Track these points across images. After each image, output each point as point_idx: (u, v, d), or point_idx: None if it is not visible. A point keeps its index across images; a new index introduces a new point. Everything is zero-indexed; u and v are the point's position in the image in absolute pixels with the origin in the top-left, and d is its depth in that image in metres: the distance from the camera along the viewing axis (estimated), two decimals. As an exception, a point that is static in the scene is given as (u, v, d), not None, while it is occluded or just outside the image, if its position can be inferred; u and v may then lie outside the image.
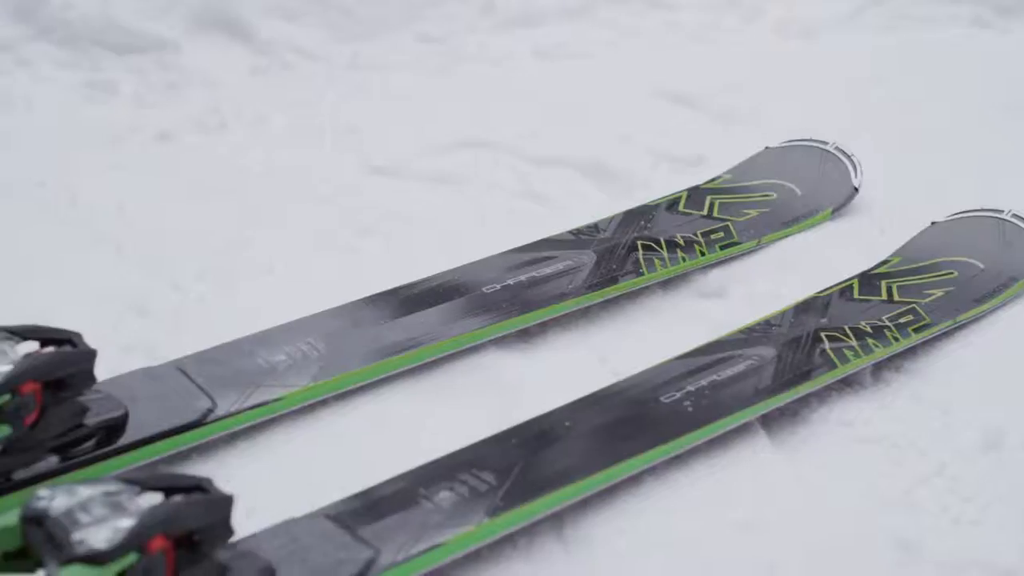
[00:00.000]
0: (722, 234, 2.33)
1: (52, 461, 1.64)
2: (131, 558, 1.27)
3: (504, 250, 2.23)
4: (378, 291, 2.07)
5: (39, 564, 1.35)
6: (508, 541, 1.63)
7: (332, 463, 1.76)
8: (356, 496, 1.60)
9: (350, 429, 1.84)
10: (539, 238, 2.35)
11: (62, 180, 2.72)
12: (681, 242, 2.28)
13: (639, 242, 2.26)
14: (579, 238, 2.26)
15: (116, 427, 1.69)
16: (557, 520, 1.67)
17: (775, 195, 2.47)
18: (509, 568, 1.60)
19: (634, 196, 2.58)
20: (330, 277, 2.29)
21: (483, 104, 3.16)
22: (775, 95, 3.18)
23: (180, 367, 1.82)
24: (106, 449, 1.68)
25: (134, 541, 1.28)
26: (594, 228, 2.31)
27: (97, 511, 1.32)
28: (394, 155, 2.83)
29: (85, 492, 1.34)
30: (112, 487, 1.36)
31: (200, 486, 1.38)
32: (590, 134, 2.92)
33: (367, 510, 1.57)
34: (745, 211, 2.41)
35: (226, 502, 1.36)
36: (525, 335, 2.11)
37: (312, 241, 2.44)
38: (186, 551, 1.34)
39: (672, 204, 2.41)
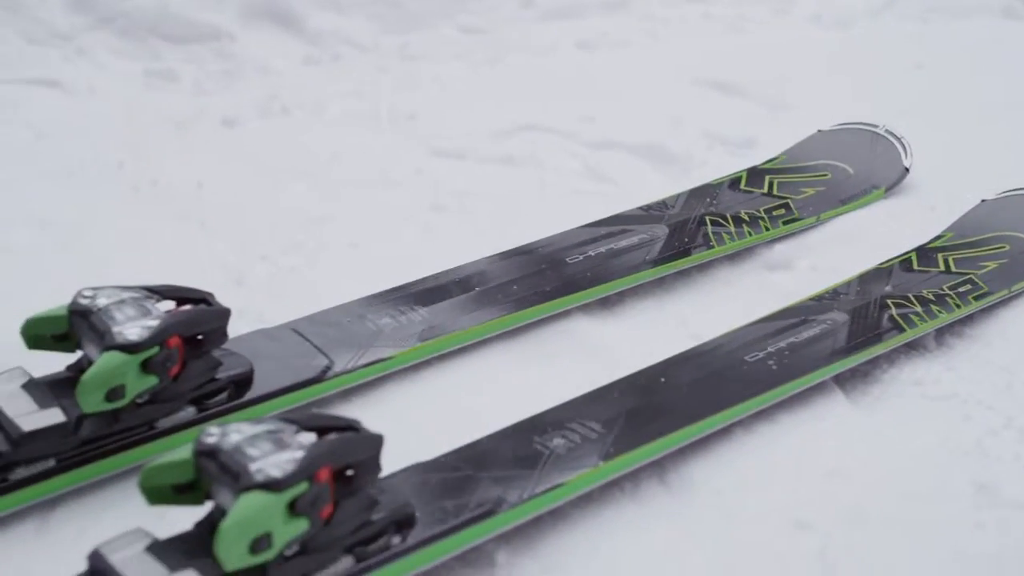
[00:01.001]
0: (783, 210, 2.47)
1: (190, 411, 1.77)
2: (302, 487, 1.41)
3: (580, 224, 2.36)
4: (469, 260, 2.20)
5: (207, 496, 1.49)
6: (616, 485, 1.77)
7: (441, 417, 1.90)
8: (474, 444, 1.73)
9: (455, 386, 1.98)
10: (605, 215, 2.48)
11: (139, 162, 2.85)
12: (746, 218, 2.42)
13: (707, 217, 2.40)
14: (650, 213, 2.41)
15: (244, 381, 1.83)
16: (659, 466, 1.82)
17: (829, 175, 2.62)
18: (619, 509, 1.74)
19: (692, 176, 2.73)
20: (411, 250, 2.43)
21: (534, 92, 3.30)
22: (816, 82, 3.33)
23: (295, 328, 1.96)
24: (236, 402, 1.80)
25: (306, 471, 1.41)
26: (663, 204, 2.45)
27: (264, 446, 1.45)
28: (455, 139, 2.97)
29: (251, 429, 1.48)
30: (273, 425, 1.49)
31: (352, 426, 1.52)
32: (641, 119, 3.06)
33: (487, 457, 1.70)
34: (802, 190, 2.56)
35: (378, 440, 1.50)
36: (606, 303, 2.26)
37: (389, 217, 2.57)
38: (343, 484, 1.48)
39: (734, 183, 2.56)
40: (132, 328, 1.67)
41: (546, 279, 2.16)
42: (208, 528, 1.48)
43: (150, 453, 1.74)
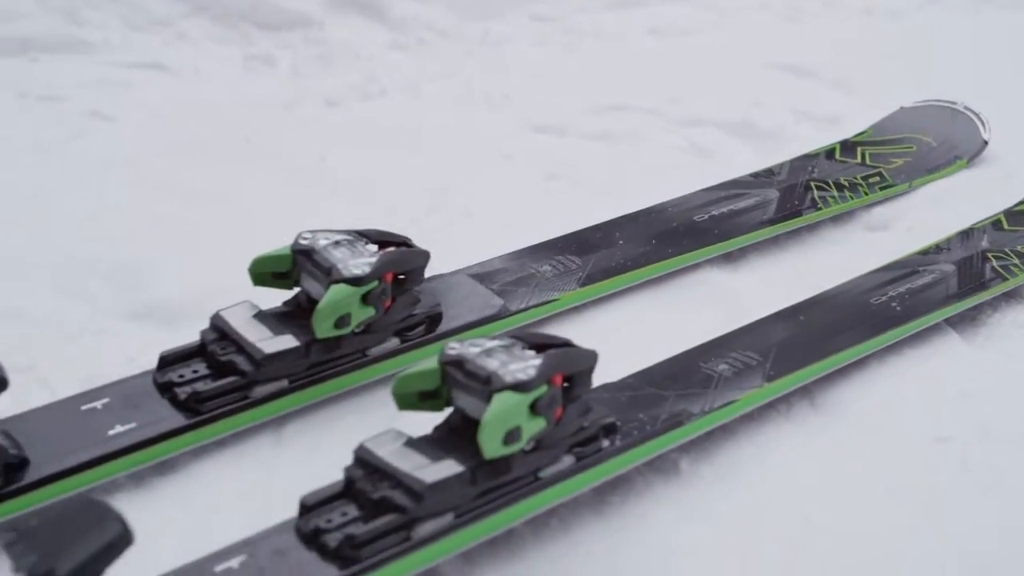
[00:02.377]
0: (878, 178, 2.76)
1: (394, 342, 2.03)
2: (542, 389, 1.67)
3: (695, 190, 2.64)
4: (609, 219, 2.47)
5: (447, 403, 1.75)
6: (771, 407, 2.05)
7: (604, 349, 2.15)
8: (651, 368, 2.00)
9: (612, 324, 2.24)
10: (708, 183, 2.75)
11: (262, 138, 3.11)
12: (846, 184, 2.71)
13: (812, 183, 2.68)
14: (759, 179, 2.68)
15: (436, 318, 2.09)
16: (807, 391, 2.09)
17: (915, 147, 2.91)
18: (777, 427, 2.02)
19: (786, 149, 3.00)
20: (536, 213, 2.69)
21: (616, 75, 3.58)
22: (877, 66, 3.62)
23: (470, 274, 2.22)
24: (431, 335, 2.07)
25: (545, 375, 1.68)
26: (769, 171, 2.73)
27: (501, 356, 1.72)
28: (553, 118, 3.24)
29: (486, 344, 1.74)
30: (504, 342, 1.76)
31: (567, 343, 1.78)
32: (724, 99, 3.34)
33: (665, 378, 1.97)
34: (892, 160, 2.84)
35: (594, 355, 1.77)
36: (729, 257, 2.53)
37: (510, 185, 2.84)
38: (568, 390, 1.74)
39: (830, 154, 2.84)
40: (354, 264, 1.92)
41: (679, 234, 2.43)
42: (447, 431, 1.74)
43: (362, 379, 1.99)
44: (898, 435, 1.98)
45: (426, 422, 1.75)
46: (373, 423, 1.90)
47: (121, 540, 1.36)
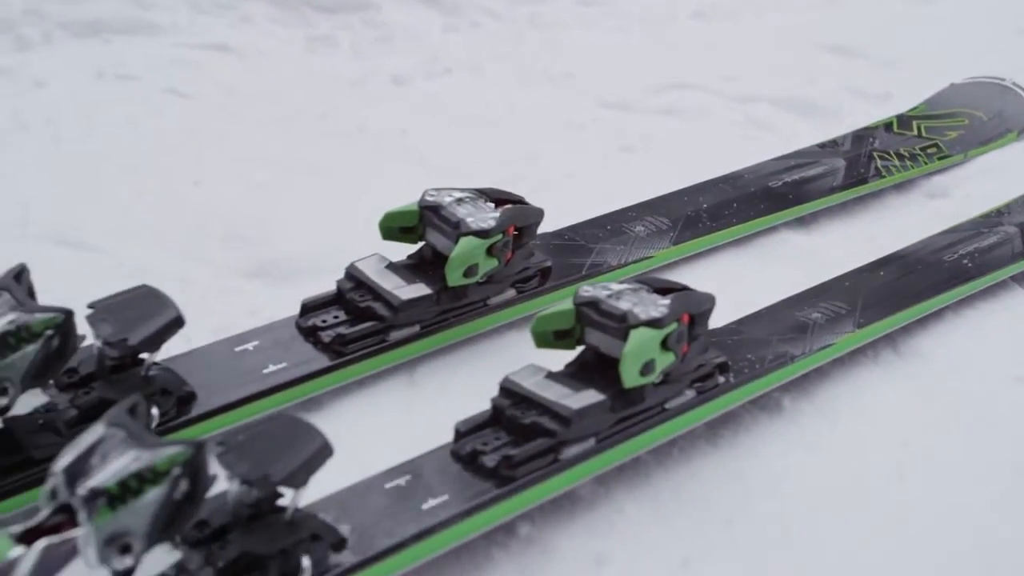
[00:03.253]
0: (935, 149, 2.96)
1: (511, 292, 2.23)
2: (673, 326, 1.87)
3: (765, 159, 2.84)
4: (688, 185, 2.66)
5: (578, 342, 1.94)
6: (860, 353, 2.25)
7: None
8: (749, 316, 2.20)
9: (703, 281, 2.41)
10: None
11: (338, 113, 3.29)
12: (906, 154, 2.91)
13: (875, 153, 2.88)
14: (825, 150, 2.88)
15: (547, 271, 2.28)
16: (890, 339, 2.29)
17: (967, 120, 3.11)
18: (867, 370, 2.22)
19: (844, 123, 3.20)
20: (617, 180, 2.88)
21: (668, 56, 3.77)
22: (918, 46, 3.82)
23: (566, 234, 2.41)
24: (542, 287, 2.26)
25: (675, 314, 1.87)
26: (833, 143, 2.93)
27: (631, 298, 1.91)
28: (617, 95, 3.43)
29: (616, 287, 1.94)
30: (630, 285, 1.95)
31: (686, 288, 1.98)
32: (777, 78, 3.54)
33: (765, 324, 2.17)
34: (947, 132, 3.05)
35: (712, 299, 1.96)
36: (803, 221, 2.74)
37: (588, 155, 3.03)
38: (691, 330, 1.94)
39: (888, 127, 3.05)
40: (480, 219, 2.11)
41: (757, 199, 2.63)
42: (578, 367, 1.93)
43: (484, 326, 2.19)
44: (978, 376, 2.18)
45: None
46: (493, 365, 2.10)
47: (323, 451, 1.55)
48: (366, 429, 2.00)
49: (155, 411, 1.79)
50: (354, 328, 2.03)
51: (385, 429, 2.02)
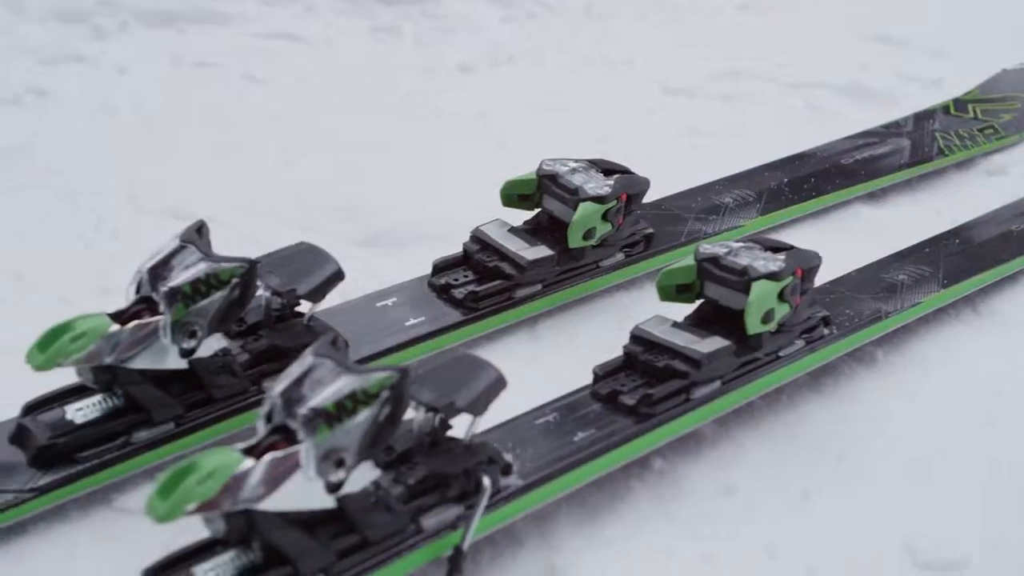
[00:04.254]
0: (991, 130, 3.18)
1: (619, 257, 2.43)
2: (789, 279, 2.08)
3: (826, 141, 3.06)
4: (769, 161, 2.88)
5: (698, 295, 2.15)
6: (943, 312, 2.46)
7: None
8: (842, 277, 2.41)
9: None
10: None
11: (415, 98, 3.50)
12: (965, 134, 3.13)
13: (936, 133, 3.10)
14: (890, 130, 3.10)
15: (649, 238, 2.49)
16: (969, 300, 2.51)
17: (1019, 104, 3.34)
18: (951, 327, 2.44)
19: (900, 107, 3.42)
20: (692, 159, 3.09)
21: (720, 45, 3.99)
22: (963, 34, 4.05)
23: (659, 205, 2.62)
24: (647, 251, 2.47)
25: (791, 268, 2.08)
26: (896, 124, 3.15)
27: (748, 255, 2.11)
28: (678, 82, 3.65)
29: (734, 245, 2.14)
30: (746, 244, 2.16)
31: (792, 247, 2.18)
32: (830, 65, 3.76)
33: (857, 284, 2.38)
34: (1001, 115, 3.27)
35: (819, 257, 2.17)
36: (873, 195, 2.95)
37: (660, 137, 3.24)
38: (802, 284, 2.15)
39: (945, 109, 3.27)
40: (595, 186, 2.32)
41: (832, 174, 2.85)
42: (698, 319, 2.13)
43: (596, 286, 2.39)
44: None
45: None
46: (605, 321, 2.34)
47: (498, 383, 1.76)
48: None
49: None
50: (485, 286, 2.23)
51: (512, 378, 2.21)
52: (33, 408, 1.87)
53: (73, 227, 2.74)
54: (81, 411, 1.87)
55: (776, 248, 2.14)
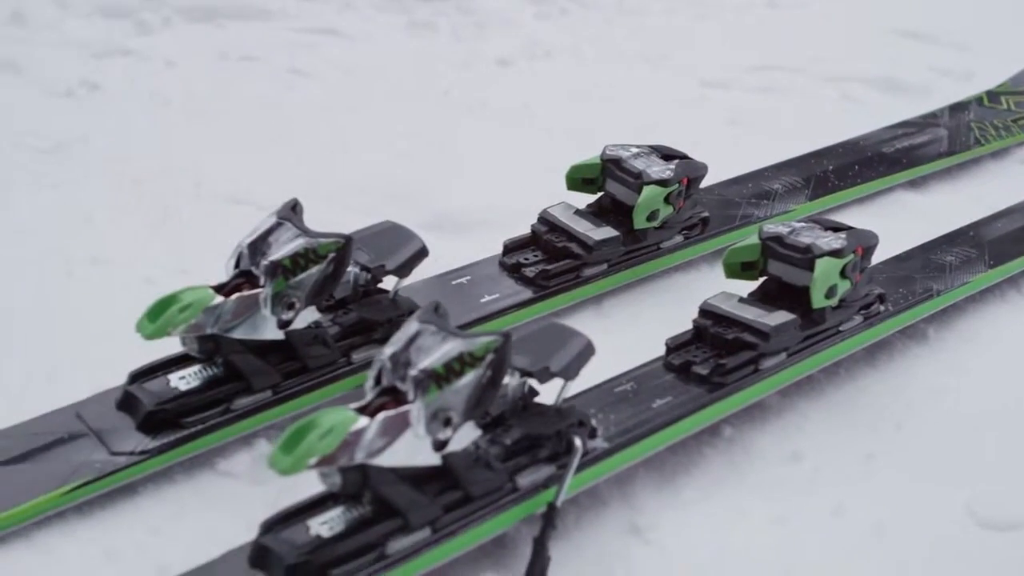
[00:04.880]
0: (1025, 120, 3.32)
1: (678, 239, 2.56)
2: (851, 257, 2.20)
3: (875, 129, 3.19)
4: (816, 149, 3.01)
5: (761, 273, 2.28)
6: (989, 292, 2.59)
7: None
8: (895, 257, 2.53)
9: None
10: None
11: (458, 91, 3.63)
12: (1000, 125, 3.27)
13: (972, 123, 3.24)
14: (927, 120, 3.24)
15: (706, 221, 2.62)
16: (1014, 282, 2.64)
17: (1050, 96, 3.48)
18: (995, 306, 2.58)
19: (931, 99, 3.55)
20: (728, 150, 3.21)
21: (752, 39, 4.12)
22: (989, 29, 4.18)
23: (713, 190, 2.75)
24: (704, 234, 2.59)
25: (851, 247, 2.20)
26: (932, 115, 3.29)
27: (811, 233, 2.24)
28: (714, 75, 3.78)
29: (795, 225, 2.27)
30: (805, 224, 2.29)
31: (850, 227, 2.31)
32: (861, 60, 3.89)
33: (908, 265, 2.51)
34: (1034, 106, 3.42)
35: (876, 236, 2.29)
36: (913, 183, 3.08)
37: (700, 127, 3.36)
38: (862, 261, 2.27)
39: (979, 101, 3.41)
40: (657, 170, 2.45)
41: (875, 162, 2.98)
42: (761, 295, 2.26)
43: (657, 266, 2.52)
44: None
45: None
46: (666, 300, 2.47)
47: (588, 350, 1.88)
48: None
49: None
50: (554, 265, 2.35)
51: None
52: (138, 376, 1.99)
53: (140, 212, 2.86)
54: (184, 379, 1.99)
55: (835, 228, 2.27)
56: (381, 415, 1.67)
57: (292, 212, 2.03)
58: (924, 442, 2.15)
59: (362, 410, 1.70)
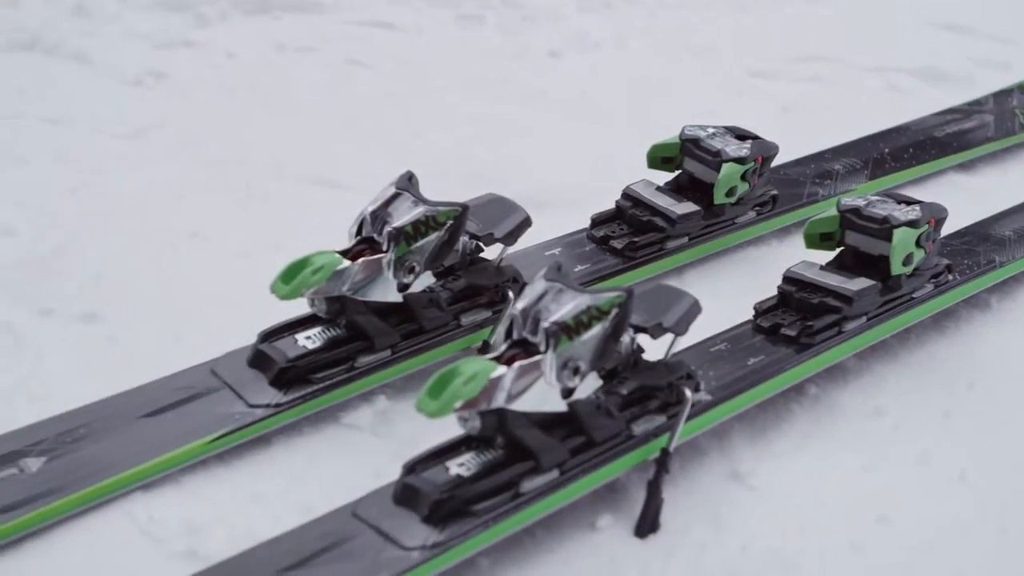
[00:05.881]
0: (1069, 106, 3.52)
1: (752, 214, 2.75)
2: (925, 227, 2.39)
3: (924, 114, 3.38)
4: (871, 133, 3.20)
5: (838, 244, 2.46)
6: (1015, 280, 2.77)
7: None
8: (956, 232, 2.72)
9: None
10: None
11: (515, 80, 3.81)
12: (1044, 110, 3.47)
13: (1016, 110, 3.43)
14: (972, 107, 3.43)
15: (775, 198, 2.80)
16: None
17: (1090, 84, 3.68)
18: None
19: (973, 88, 3.75)
20: (784, 135, 3.38)
21: (793, 32, 4.31)
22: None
23: (778, 170, 2.93)
24: (773, 211, 2.78)
25: (927, 217, 2.39)
26: (977, 102, 3.48)
27: (886, 206, 2.43)
28: (762, 65, 3.97)
29: (870, 198, 2.46)
30: (879, 197, 2.47)
31: (921, 201, 2.50)
32: (901, 51, 4.08)
33: (971, 240, 2.69)
34: (1072, 92, 3.61)
35: (946, 210, 2.48)
36: (963, 166, 3.27)
37: (754, 113, 3.53)
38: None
39: (1021, 89, 3.60)
40: (734, 149, 2.63)
41: (928, 145, 3.17)
42: (838, 265, 2.44)
43: (733, 240, 2.70)
44: None
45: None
46: (742, 272, 2.64)
47: (695, 308, 2.06)
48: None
49: (510, 294, 2.29)
50: (641, 237, 2.54)
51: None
52: (268, 336, 2.17)
53: (227, 192, 3.04)
54: (309, 339, 2.17)
55: (908, 201, 2.45)
56: (517, 364, 1.85)
57: (409, 183, 2.20)
58: (997, 400, 2.33)
59: (496, 360, 1.87)
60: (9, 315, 2.45)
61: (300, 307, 2.21)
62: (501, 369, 1.83)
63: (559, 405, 1.91)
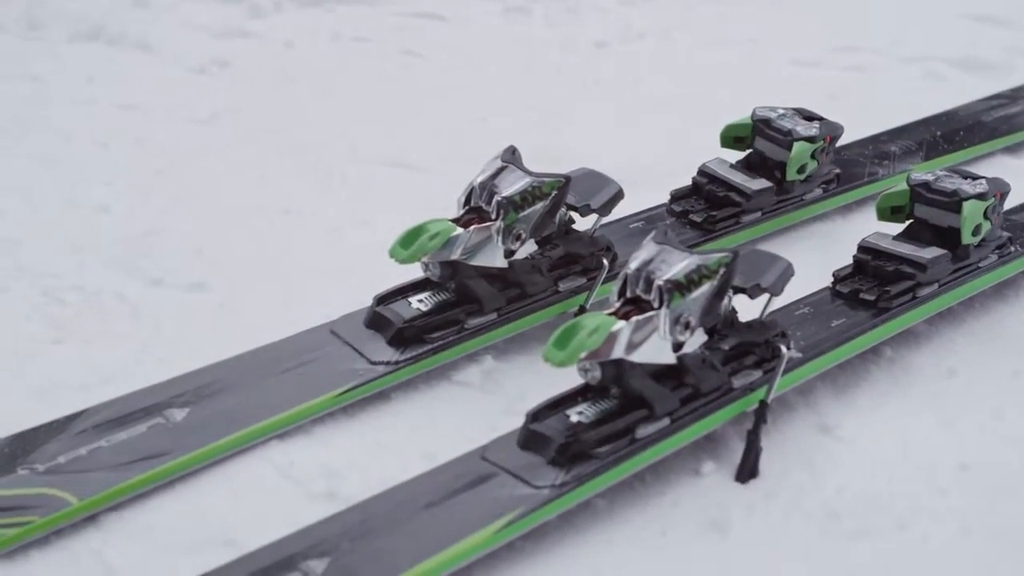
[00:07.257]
0: (1105, 94, 3.73)
1: (818, 191, 2.94)
2: (991, 200, 2.59)
3: (968, 101, 3.59)
4: (922, 118, 3.40)
5: (908, 217, 2.66)
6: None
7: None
8: (1012, 208, 2.92)
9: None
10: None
11: (566, 70, 4.01)
12: (1086, 97, 3.68)
13: (1053, 99, 3.65)
14: (1016, 94, 3.64)
15: (838, 176, 3.00)
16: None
17: (1124, 72, 3.88)
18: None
19: (1011, 77, 3.95)
20: (837, 117, 3.58)
21: (830, 23, 4.51)
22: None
23: (838, 151, 3.12)
24: (839, 188, 2.98)
25: (993, 191, 2.59)
26: (1016, 90, 3.69)
27: (950, 181, 2.62)
28: (804, 55, 4.17)
29: (938, 172, 2.65)
30: (947, 172, 2.67)
31: (984, 177, 2.69)
32: (938, 41, 4.28)
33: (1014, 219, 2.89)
34: (1113, 81, 3.82)
35: (1009, 185, 2.67)
36: (1010, 149, 3.47)
37: (800, 99, 3.72)
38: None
39: (1061, 75, 3.81)
40: (804, 129, 2.83)
41: (977, 129, 3.38)
42: (907, 237, 2.64)
43: (801, 216, 2.90)
44: None
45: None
46: (810, 246, 2.83)
47: (789, 270, 2.26)
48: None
49: (605, 262, 2.48)
50: (719, 211, 2.73)
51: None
52: (383, 300, 2.35)
53: (308, 174, 3.23)
54: (421, 302, 2.36)
55: (973, 177, 2.65)
56: (634, 319, 2.04)
57: (513, 156, 2.39)
58: (1060, 360, 2.53)
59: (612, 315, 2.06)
60: (122, 286, 2.63)
61: (403, 274, 2.39)
62: (620, 323, 2.01)
63: (670, 358, 2.10)
